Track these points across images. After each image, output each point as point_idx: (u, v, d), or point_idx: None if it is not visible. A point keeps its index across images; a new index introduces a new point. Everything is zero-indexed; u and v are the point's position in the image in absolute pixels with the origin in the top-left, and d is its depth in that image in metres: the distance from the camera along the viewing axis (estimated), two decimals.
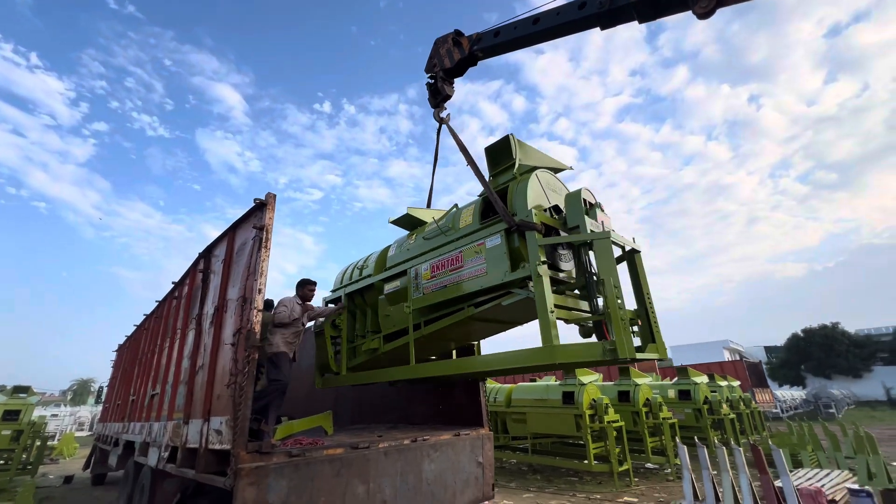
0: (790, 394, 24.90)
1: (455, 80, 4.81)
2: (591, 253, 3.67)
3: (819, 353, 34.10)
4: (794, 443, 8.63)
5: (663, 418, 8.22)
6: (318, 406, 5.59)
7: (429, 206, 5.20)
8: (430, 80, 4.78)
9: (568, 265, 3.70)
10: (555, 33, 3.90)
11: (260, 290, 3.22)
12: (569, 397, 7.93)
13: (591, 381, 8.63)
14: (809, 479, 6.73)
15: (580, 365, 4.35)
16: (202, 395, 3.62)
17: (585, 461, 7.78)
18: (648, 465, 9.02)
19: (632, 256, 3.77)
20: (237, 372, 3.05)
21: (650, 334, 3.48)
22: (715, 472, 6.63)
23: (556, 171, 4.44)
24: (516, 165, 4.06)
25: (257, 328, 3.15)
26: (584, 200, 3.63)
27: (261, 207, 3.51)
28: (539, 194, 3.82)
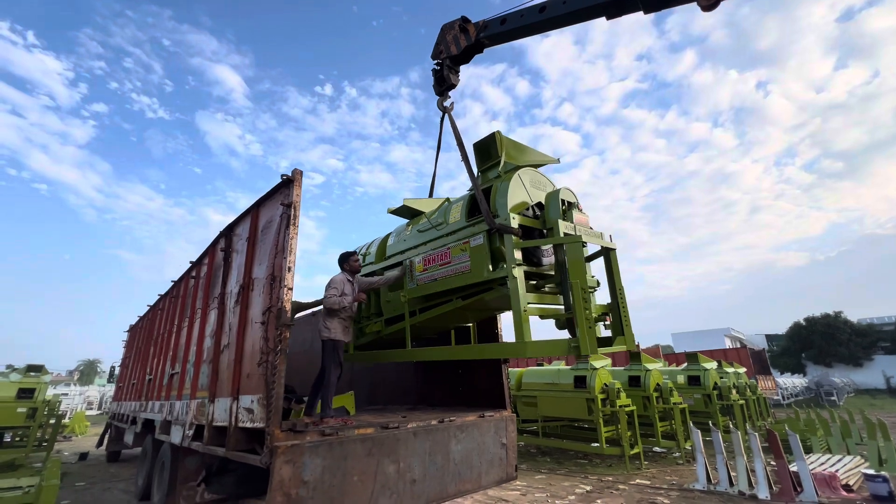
0: (791, 381, 25.07)
1: (461, 67, 4.78)
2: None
3: (820, 341, 34.22)
4: (802, 428, 8.68)
5: (674, 403, 8.25)
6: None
7: (431, 195, 5.22)
8: (435, 67, 4.73)
9: (549, 259, 3.92)
10: (561, 22, 3.91)
11: (290, 269, 3.16)
12: (581, 381, 7.94)
13: (602, 366, 8.65)
14: (822, 464, 6.77)
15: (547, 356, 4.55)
16: (229, 374, 3.59)
17: (595, 444, 7.85)
18: (657, 448, 9.11)
19: (607, 253, 3.93)
20: (268, 350, 3.02)
21: (620, 328, 3.72)
22: (728, 457, 6.68)
23: (544, 164, 4.56)
24: (501, 163, 4.21)
25: (288, 307, 3.10)
26: (563, 200, 3.79)
27: (287, 184, 3.43)
28: (522, 193, 3.94)
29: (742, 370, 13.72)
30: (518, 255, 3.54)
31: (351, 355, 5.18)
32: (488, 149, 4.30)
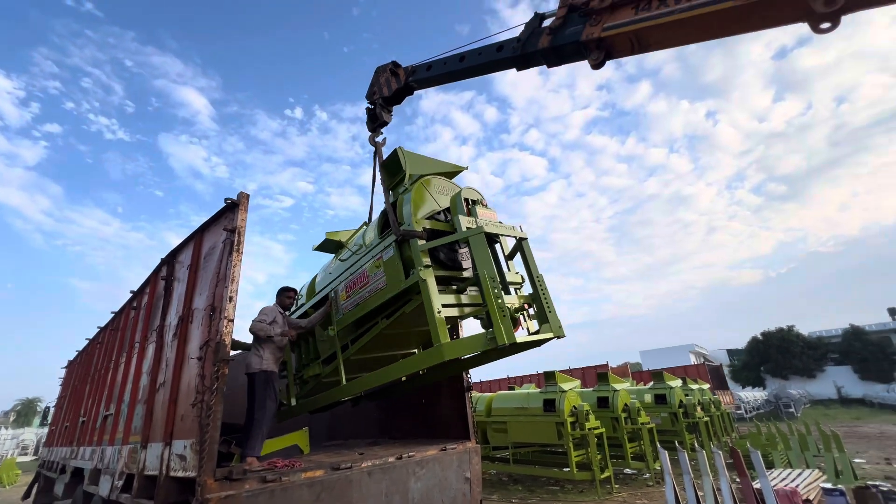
0: (752, 395, 25.91)
1: (393, 107, 5.02)
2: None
3: (776, 354, 35.77)
4: (764, 443, 8.87)
5: (642, 423, 8.26)
6: (291, 423, 5.24)
7: (369, 223, 5.24)
8: (369, 106, 5.00)
9: (468, 262, 3.90)
10: (477, 71, 4.18)
11: (231, 298, 2.94)
12: (550, 405, 7.84)
13: (571, 388, 8.60)
14: (784, 479, 6.88)
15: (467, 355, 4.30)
16: (163, 415, 3.27)
17: (567, 469, 7.70)
18: (627, 470, 9.05)
19: (520, 244, 3.91)
20: (204, 389, 2.76)
21: (544, 315, 3.61)
22: (695, 477, 6.68)
23: (455, 173, 4.72)
24: (406, 176, 4.30)
25: (227, 340, 2.86)
26: (467, 199, 3.85)
27: (232, 208, 3.24)
28: (428, 201, 4.01)
29: (706, 386, 14.05)
30: (427, 259, 3.54)
31: (292, 408, 4.84)
32: (394, 165, 4.38)
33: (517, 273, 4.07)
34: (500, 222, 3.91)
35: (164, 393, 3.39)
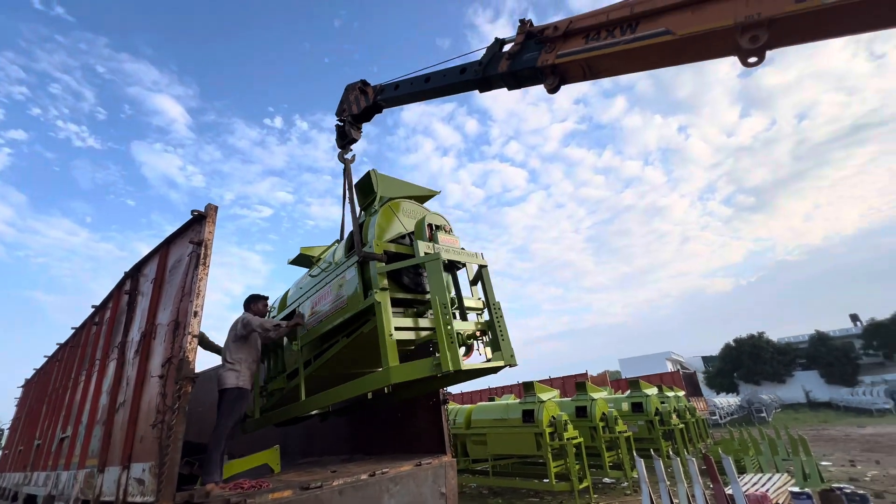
0: (726, 400, 26.55)
1: (363, 124, 5.13)
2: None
3: (748, 360, 36.85)
4: (737, 448, 9.08)
5: (619, 432, 8.35)
6: (262, 442, 5.08)
7: (341, 238, 5.27)
8: (338, 123, 5.06)
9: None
10: (442, 92, 4.34)
11: (196, 313, 2.85)
12: (529, 415, 7.85)
13: (549, 398, 8.63)
14: (755, 484, 7.04)
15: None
16: (122, 436, 3.11)
17: (546, 480, 7.69)
18: (606, 479, 9.10)
19: (480, 271, 4.02)
20: (165, 409, 2.64)
21: (497, 343, 3.67)
22: (670, 484, 6.77)
23: (427, 198, 4.80)
24: (377, 199, 4.35)
25: (191, 357, 2.76)
26: (430, 225, 3.92)
27: (199, 220, 3.16)
28: (395, 224, 4.11)
29: (681, 393, 14.32)
30: (384, 282, 3.58)
31: (256, 420, 4.74)
32: (366, 187, 4.46)
33: (479, 299, 4.10)
34: (462, 248, 3.98)
35: (123, 413, 3.24)
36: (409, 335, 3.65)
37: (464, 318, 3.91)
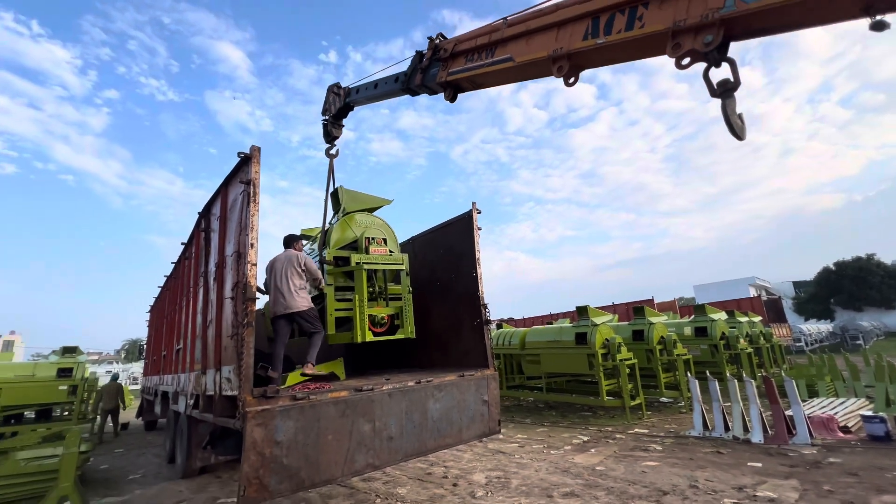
0: (816, 327, 24.52)
1: (343, 121, 5.87)
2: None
3: (851, 285, 33.01)
4: (812, 374, 8.59)
5: (677, 354, 8.26)
6: (331, 353, 5.84)
7: (323, 226, 5.88)
8: (324, 121, 5.77)
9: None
10: (386, 96, 5.08)
11: (252, 245, 3.24)
12: (581, 338, 8.01)
13: (603, 322, 8.66)
14: (824, 407, 6.74)
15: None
16: (213, 347, 3.80)
17: (599, 397, 8.01)
18: (662, 399, 9.23)
19: (398, 273, 5.14)
20: (238, 324, 3.15)
21: (403, 322, 4.98)
22: (727, 404, 6.72)
23: (377, 207, 5.83)
24: (342, 209, 5.50)
25: (252, 282, 3.20)
26: (368, 238, 5.03)
27: (246, 161, 3.45)
28: (348, 232, 5.21)
29: (757, 319, 13.50)
30: (331, 278, 4.86)
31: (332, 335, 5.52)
32: (336, 199, 5.66)
33: (410, 290, 5.19)
34: (390, 252, 5.13)
35: (212, 329, 3.91)
36: (347, 314, 4.79)
37: (387, 303, 4.99)
